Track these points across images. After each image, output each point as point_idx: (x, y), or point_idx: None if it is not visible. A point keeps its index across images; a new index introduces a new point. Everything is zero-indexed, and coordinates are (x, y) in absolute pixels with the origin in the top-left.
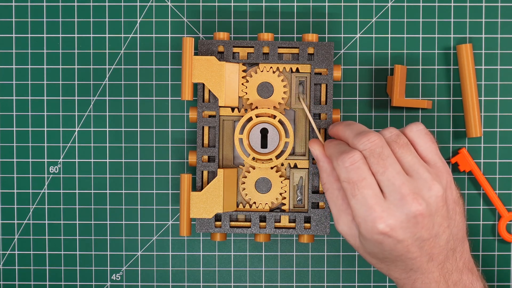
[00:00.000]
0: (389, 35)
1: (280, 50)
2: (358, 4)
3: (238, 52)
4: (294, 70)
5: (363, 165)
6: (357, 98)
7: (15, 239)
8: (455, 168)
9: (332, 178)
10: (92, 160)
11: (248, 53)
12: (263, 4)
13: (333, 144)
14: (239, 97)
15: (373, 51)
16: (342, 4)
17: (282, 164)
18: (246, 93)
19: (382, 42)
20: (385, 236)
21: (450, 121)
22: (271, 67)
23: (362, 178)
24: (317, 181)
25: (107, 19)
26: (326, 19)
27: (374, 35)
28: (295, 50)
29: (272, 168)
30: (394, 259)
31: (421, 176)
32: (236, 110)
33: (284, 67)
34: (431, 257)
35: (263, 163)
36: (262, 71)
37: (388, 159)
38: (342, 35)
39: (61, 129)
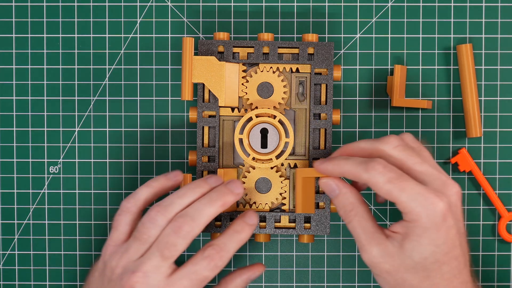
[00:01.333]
0: (389, 35)
1: (280, 50)
2: (358, 4)
3: (238, 52)
4: (294, 70)
5: (391, 165)
6: (357, 98)
7: (15, 239)
8: (455, 168)
9: (358, 201)
10: (92, 160)
11: (248, 53)
12: (263, 4)
13: (345, 161)
14: (239, 97)
15: (373, 51)
16: (342, 4)
17: (282, 164)
18: (246, 93)
19: (382, 42)
20: (444, 219)
21: (450, 121)
22: (271, 67)
23: (400, 173)
24: (317, 181)
25: (107, 19)
26: (326, 19)
27: (374, 35)
28: (295, 50)
29: (272, 168)
30: (442, 261)
31: (444, 174)
32: (236, 110)
33: (284, 67)
34: (466, 260)
35: (263, 163)
36: (262, 71)
37: (420, 151)
38: (342, 35)
39: (61, 129)
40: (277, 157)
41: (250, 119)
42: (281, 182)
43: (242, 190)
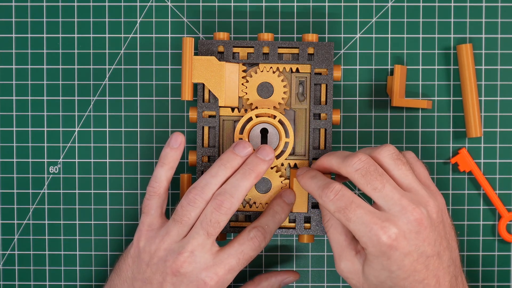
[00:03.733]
0: (389, 35)
1: (280, 50)
2: (358, 4)
3: (238, 52)
4: (294, 70)
5: (346, 191)
6: (357, 98)
7: (15, 239)
8: (455, 168)
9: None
10: (92, 160)
11: (248, 53)
12: (263, 4)
13: (310, 180)
14: (239, 97)
15: (373, 51)
16: (342, 4)
17: (282, 164)
18: (246, 93)
19: (382, 42)
20: (392, 248)
21: (450, 121)
22: (271, 67)
23: (350, 201)
24: None
25: (107, 19)
26: (326, 19)
27: (374, 35)
28: (295, 50)
29: (272, 168)
30: (402, 285)
31: (418, 192)
32: (236, 110)
33: (284, 67)
34: (438, 280)
35: None
36: (262, 71)
37: (384, 175)
38: (342, 35)
39: (61, 129)
40: (277, 157)
41: (250, 119)
42: (281, 182)
43: (273, 154)
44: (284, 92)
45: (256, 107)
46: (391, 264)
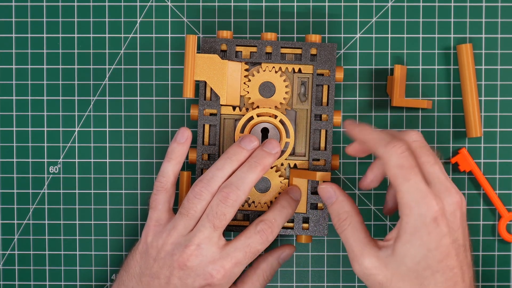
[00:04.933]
0: (389, 35)
1: (283, 50)
2: (358, 4)
3: (241, 51)
4: (296, 70)
5: (411, 155)
6: (357, 98)
7: (15, 239)
8: (455, 168)
9: (353, 211)
10: (92, 160)
11: (251, 52)
12: (263, 4)
13: (372, 129)
14: (240, 96)
15: (373, 51)
16: (342, 4)
17: (282, 164)
18: (248, 92)
19: (382, 42)
20: (436, 222)
21: (450, 121)
22: (273, 67)
23: (414, 165)
24: (316, 182)
25: (107, 19)
26: (326, 19)
27: (374, 35)
28: (298, 51)
29: (271, 167)
30: (435, 268)
31: (450, 182)
32: (237, 109)
33: (287, 67)
34: (463, 273)
35: None
36: (264, 71)
37: (434, 155)
38: (342, 35)
39: (61, 129)
40: None
41: (251, 118)
42: (280, 182)
43: (280, 148)
44: (286, 92)
45: (258, 107)
46: (430, 240)
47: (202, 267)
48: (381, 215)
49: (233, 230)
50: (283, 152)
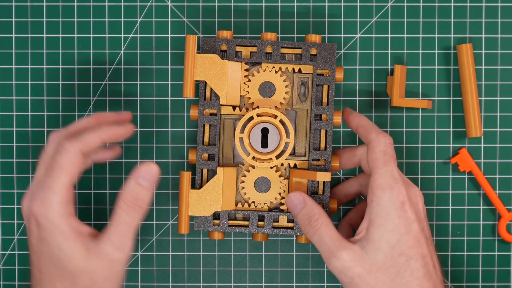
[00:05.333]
0: (389, 35)
1: (283, 50)
2: (358, 4)
3: (241, 51)
4: (296, 70)
5: (393, 148)
6: (357, 98)
7: (15, 239)
8: (455, 168)
9: (323, 212)
10: None
11: (251, 52)
12: (263, 4)
13: (368, 119)
14: (240, 96)
15: (373, 51)
16: (342, 4)
17: (282, 164)
18: (248, 92)
19: (382, 42)
20: (403, 208)
21: (450, 121)
22: (273, 67)
23: (394, 156)
24: (316, 182)
25: (107, 19)
26: (326, 19)
27: (374, 35)
28: (298, 51)
29: (271, 168)
30: (409, 254)
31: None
32: (237, 109)
33: (287, 67)
34: (434, 264)
35: (263, 162)
36: (264, 71)
37: None
38: (342, 35)
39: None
40: (277, 157)
41: (251, 118)
42: (280, 182)
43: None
44: (286, 92)
45: (258, 107)
46: (400, 224)
47: None
48: None
49: (232, 231)
50: (283, 152)
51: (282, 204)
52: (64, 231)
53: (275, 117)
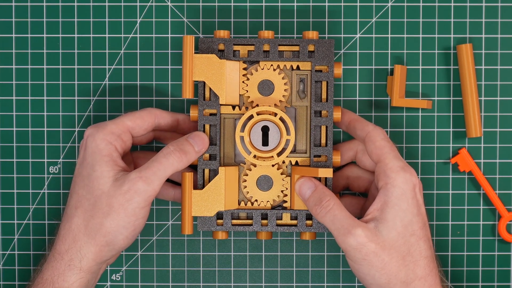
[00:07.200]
0: (389, 35)
1: (281, 48)
2: (358, 4)
3: (239, 50)
4: (294, 67)
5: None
6: (357, 98)
7: (15, 239)
8: (455, 168)
9: (333, 194)
10: None
11: (248, 51)
12: (263, 4)
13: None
14: (240, 95)
15: (373, 51)
16: (342, 4)
17: (283, 162)
18: (247, 91)
19: (382, 42)
20: (414, 191)
21: (450, 121)
22: (271, 65)
23: (393, 145)
24: (318, 179)
25: (107, 19)
26: (326, 19)
27: (374, 35)
28: (296, 48)
29: (273, 165)
30: (419, 235)
31: None
32: (237, 108)
33: (285, 65)
34: (432, 252)
35: (264, 160)
36: (262, 69)
37: None
38: (342, 35)
39: (61, 129)
40: (278, 154)
41: (251, 117)
42: (283, 179)
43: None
44: (285, 90)
45: (257, 105)
46: (413, 205)
47: None
48: None
49: (235, 230)
50: (284, 149)
51: (285, 201)
52: (103, 154)
53: (275, 115)
